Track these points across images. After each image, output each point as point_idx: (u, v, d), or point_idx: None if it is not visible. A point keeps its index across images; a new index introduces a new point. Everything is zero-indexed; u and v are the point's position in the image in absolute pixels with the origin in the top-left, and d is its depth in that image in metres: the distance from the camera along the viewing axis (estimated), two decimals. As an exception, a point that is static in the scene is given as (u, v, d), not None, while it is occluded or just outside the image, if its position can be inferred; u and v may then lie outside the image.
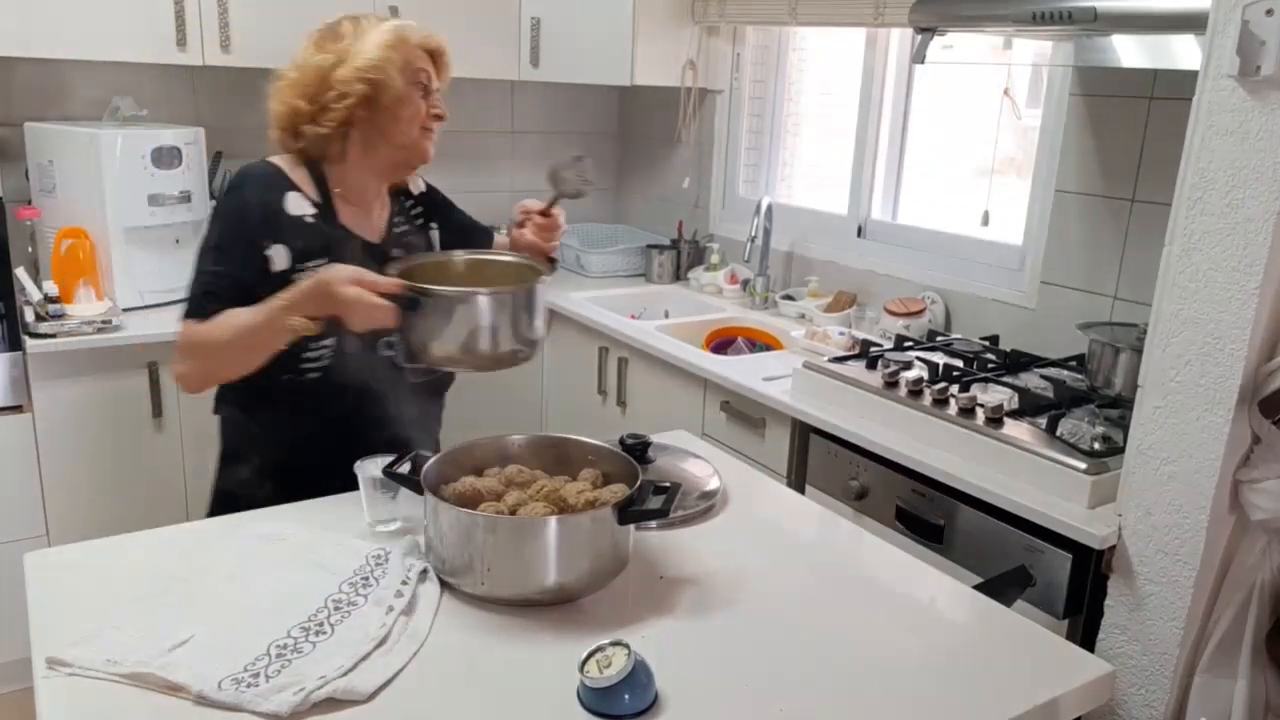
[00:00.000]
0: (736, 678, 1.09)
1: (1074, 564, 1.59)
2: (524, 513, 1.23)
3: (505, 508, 1.25)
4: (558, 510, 1.25)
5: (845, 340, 2.43)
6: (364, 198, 1.65)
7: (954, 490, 1.76)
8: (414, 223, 1.75)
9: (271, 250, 1.52)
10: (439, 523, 1.23)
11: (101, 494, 2.44)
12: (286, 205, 1.56)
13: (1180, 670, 1.52)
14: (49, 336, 2.30)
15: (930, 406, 1.87)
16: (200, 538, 1.35)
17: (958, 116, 2.64)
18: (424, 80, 1.62)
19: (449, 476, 1.31)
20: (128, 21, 2.48)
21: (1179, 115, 1.49)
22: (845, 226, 2.85)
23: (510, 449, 1.40)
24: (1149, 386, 1.51)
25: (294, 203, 1.56)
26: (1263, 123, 1.33)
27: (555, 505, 1.26)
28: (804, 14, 2.74)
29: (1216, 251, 1.40)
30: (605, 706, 1.01)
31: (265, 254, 1.51)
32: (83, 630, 1.10)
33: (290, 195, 1.57)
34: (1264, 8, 1.30)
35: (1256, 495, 1.43)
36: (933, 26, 1.98)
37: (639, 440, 1.53)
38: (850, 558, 1.43)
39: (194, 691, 1.01)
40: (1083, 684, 1.12)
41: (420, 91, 1.62)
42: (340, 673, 1.04)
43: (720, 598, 1.25)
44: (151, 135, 2.49)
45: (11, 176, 2.65)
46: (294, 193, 1.57)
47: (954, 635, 1.22)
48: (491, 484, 1.30)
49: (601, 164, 3.72)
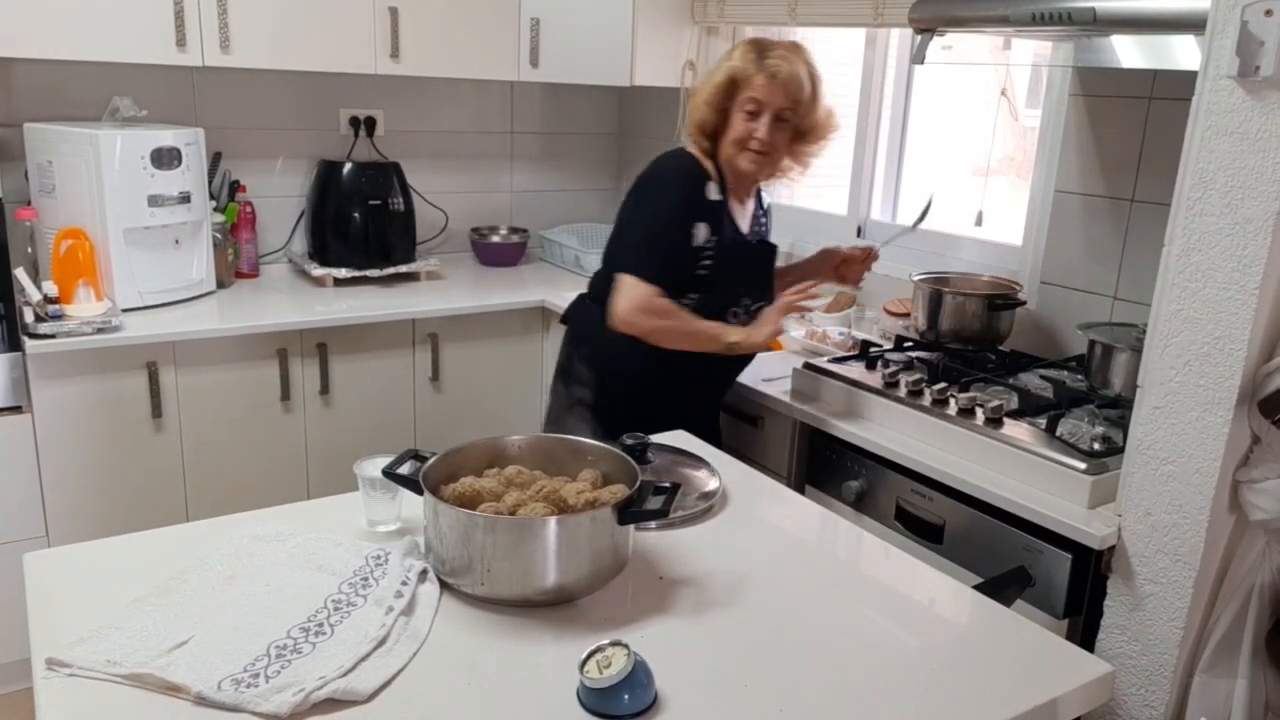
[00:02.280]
0: (736, 678, 1.09)
1: (1073, 564, 1.59)
2: (523, 513, 1.23)
3: (505, 508, 1.25)
4: (557, 511, 1.25)
5: (845, 340, 2.43)
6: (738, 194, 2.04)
7: (954, 490, 1.76)
8: (766, 229, 2.14)
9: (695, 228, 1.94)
10: (439, 523, 1.23)
11: (101, 494, 2.44)
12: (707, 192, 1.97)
13: (1180, 670, 1.52)
14: (48, 337, 2.29)
15: (930, 406, 1.87)
16: (200, 538, 1.35)
17: (957, 117, 2.64)
18: (749, 109, 1.90)
19: (449, 477, 1.31)
20: (128, 21, 2.48)
21: (1178, 115, 1.49)
22: (845, 226, 2.85)
23: (509, 449, 1.40)
24: (1148, 386, 1.52)
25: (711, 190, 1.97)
26: (1262, 123, 1.33)
27: (555, 506, 1.26)
28: (803, 14, 2.74)
29: (1216, 251, 1.40)
30: (605, 706, 1.01)
31: (691, 231, 1.94)
32: (83, 630, 1.10)
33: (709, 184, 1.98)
34: (1263, 8, 1.30)
35: (1256, 495, 1.43)
36: (932, 27, 1.98)
37: (639, 440, 1.53)
38: (850, 558, 1.43)
39: (194, 692, 1.01)
40: (1082, 684, 1.12)
41: (746, 117, 1.91)
42: (340, 673, 1.04)
43: (720, 598, 1.25)
44: (151, 136, 2.49)
45: (11, 177, 2.65)
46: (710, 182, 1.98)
47: (954, 635, 1.22)
48: (491, 484, 1.30)
49: (601, 164, 3.72)
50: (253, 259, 3.01)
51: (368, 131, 3.18)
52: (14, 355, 2.32)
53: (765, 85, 1.87)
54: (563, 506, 1.26)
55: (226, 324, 2.52)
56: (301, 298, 2.80)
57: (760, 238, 2.10)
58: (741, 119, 1.90)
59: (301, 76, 3.03)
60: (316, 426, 2.69)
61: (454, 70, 2.96)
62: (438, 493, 1.26)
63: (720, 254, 1.97)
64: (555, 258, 3.46)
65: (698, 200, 1.95)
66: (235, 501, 2.47)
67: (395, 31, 2.81)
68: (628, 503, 1.23)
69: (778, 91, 1.88)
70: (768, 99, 1.88)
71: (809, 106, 1.93)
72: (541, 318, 3.00)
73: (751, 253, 2.05)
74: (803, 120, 1.94)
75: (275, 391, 2.61)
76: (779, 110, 1.89)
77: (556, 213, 3.67)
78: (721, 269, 1.97)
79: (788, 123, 1.92)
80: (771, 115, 1.89)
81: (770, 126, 1.89)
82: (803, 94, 1.90)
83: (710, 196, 1.96)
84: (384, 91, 3.17)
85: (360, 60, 2.80)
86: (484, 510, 1.24)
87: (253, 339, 2.54)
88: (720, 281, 1.97)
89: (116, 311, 2.43)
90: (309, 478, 2.71)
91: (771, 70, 1.87)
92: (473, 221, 3.45)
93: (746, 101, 1.89)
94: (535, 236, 3.54)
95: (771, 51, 1.90)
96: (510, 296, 2.95)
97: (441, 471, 1.31)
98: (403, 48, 2.82)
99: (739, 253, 2.00)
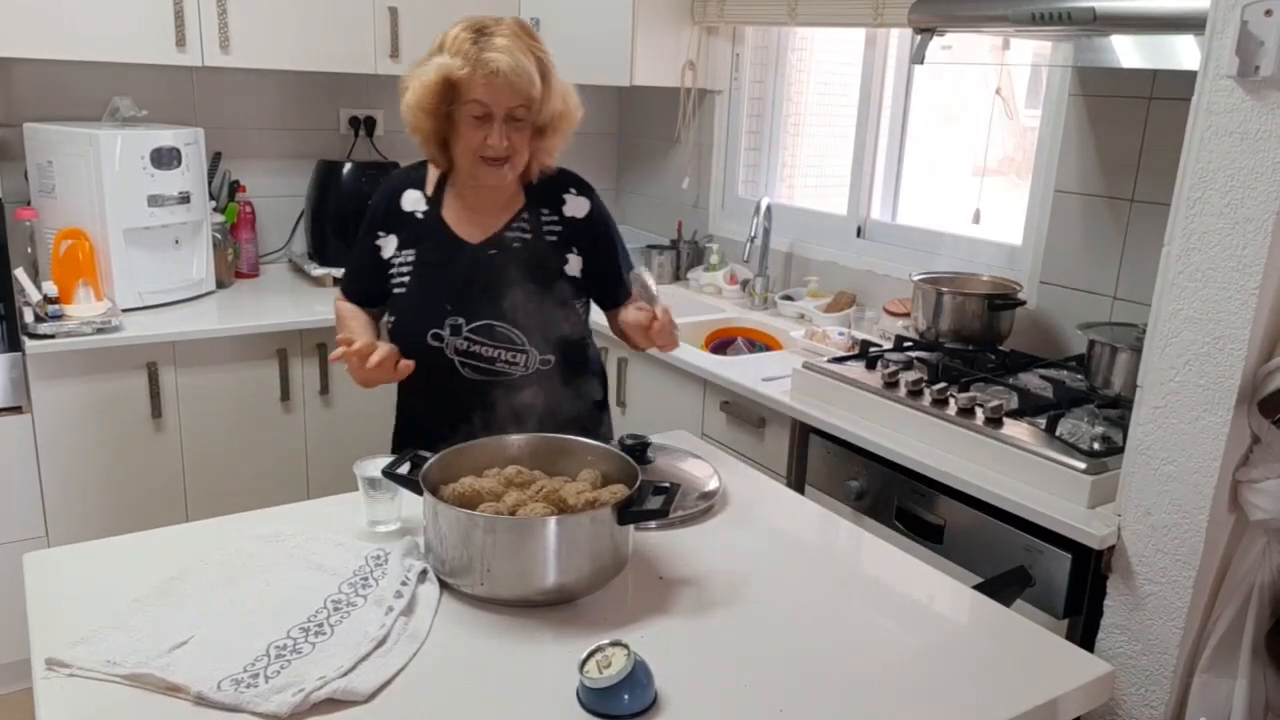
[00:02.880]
0: (736, 678, 1.09)
1: (1073, 564, 1.59)
2: (523, 513, 1.23)
3: (504, 508, 1.25)
4: (557, 511, 1.25)
5: (845, 340, 2.43)
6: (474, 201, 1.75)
7: (954, 490, 1.76)
8: (544, 238, 1.75)
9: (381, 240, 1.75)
10: (439, 524, 1.23)
11: (101, 494, 2.44)
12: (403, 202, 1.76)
13: (1180, 670, 1.52)
14: (48, 337, 2.29)
15: (930, 406, 1.87)
16: (200, 538, 1.35)
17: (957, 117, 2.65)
18: (475, 114, 1.61)
19: (448, 477, 1.31)
20: (128, 21, 2.48)
21: (1178, 115, 1.49)
22: (845, 227, 2.85)
23: (509, 449, 1.40)
24: (1148, 386, 1.52)
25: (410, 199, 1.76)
26: (1262, 123, 1.33)
27: (555, 506, 1.26)
28: (803, 14, 2.74)
29: (1216, 251, 1.40)
30: (605, 706, 1.01)
31: (376, 244, 1.75)
32: (83, 630, 1.10)
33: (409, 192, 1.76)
34: (1263, 8, 1.30)
35: (1256, 495, 1.43)
36: (932, 27, 1.98)
37: (639, 440, 1.53)
38: (850, 558, 1.43)
39: (193, 692, 1.01)
40: (1082, 684, 1.12)
41: (474, 124, 1.62)
42: (340, 673, 1.04)
43: (720, 598, 1.25)
44: (151, 135, 2.49)
45: (11, 177, 2.65)
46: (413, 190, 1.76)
47: (954, 635, 1.22)
48: (491, 484, 1.30)
49: (601, 164, 3.72)
50: (253, 259, 3.01)
51: (368, 131, 3.18)
52: (14, 355, 2.32)
53: (486, 86, 1.57)
54: (562, 507, 1.26)
55: (226, 324, 2.52)
56: (301, 298, 2.80)
57: (515, 246, 1.72)
58: (469, 127, 1.61)
59: (301, 76, 3.03)
60: (316, 426, 2.69)
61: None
62: (437, 493, 1.26)
63: (421, 269, 1.71)
64: (555, 258, 3.46)
65: (390, 210, 1.75)
66: (235, 501, 2.46)
67: (395, 31, 2.81)
68: (628, 503, 1.23)
69: (503, 91, 1.57)
70: (493, 101, 1.58)
71: (543, 99, 1.63)
72: (541, 318, 2.99)
73: (473, 266, 1.70)
74: (538, 116, 1.64)
75: (275, 391, 2.61)
76: (510, 110, 1.60)
77: (556, 213, 3.66)
78: (421, 284, 1.71)
79: (524, 121, 1.63)
80: (502, 119, 1.60)
81: (503, 131, 1.60)
82: (533, 88, 1.60)
83: (406, 207, 1.74)
84: (384, 91, 3.17)
85: (360, 60, 2.80)
86: (484, 510, 1.24)
87: (252, 339, 2.54)
88: (417, 298, 1.71)
89: (116, 311, 2.43)
90: (309, 478, 2.71)
91: (491, 67, 1.56)
92: (473, 221, 3.45)
93: (470, 105, 1.59)
94: (535, 236, 3.54)
95: (488, 40, 1.58)
96: (510, 296, 2.95)
97: (441, 471, 1.31)
98: (403, 48, 2.82)
99: (451, 266, 1.70)
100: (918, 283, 2.27)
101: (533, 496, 1.28)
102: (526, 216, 1.75)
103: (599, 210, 1.81)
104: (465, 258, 1.71)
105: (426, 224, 1.73)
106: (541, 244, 1.74)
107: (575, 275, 1.76)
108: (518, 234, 1.73)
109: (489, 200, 1.74)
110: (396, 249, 1.73)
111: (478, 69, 1.56)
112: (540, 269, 1.72)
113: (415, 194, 1.75)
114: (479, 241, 1.72)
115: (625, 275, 1.79)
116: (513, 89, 1.58)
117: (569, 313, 1.76)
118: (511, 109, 1.60)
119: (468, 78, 1.57)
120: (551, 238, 1.75)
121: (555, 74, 1.66)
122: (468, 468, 1.34)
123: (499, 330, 1.69)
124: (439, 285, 1.71)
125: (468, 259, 1.71)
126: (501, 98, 1.58)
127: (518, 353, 1.71)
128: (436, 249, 1.72)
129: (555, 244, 1.75)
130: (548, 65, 1.65)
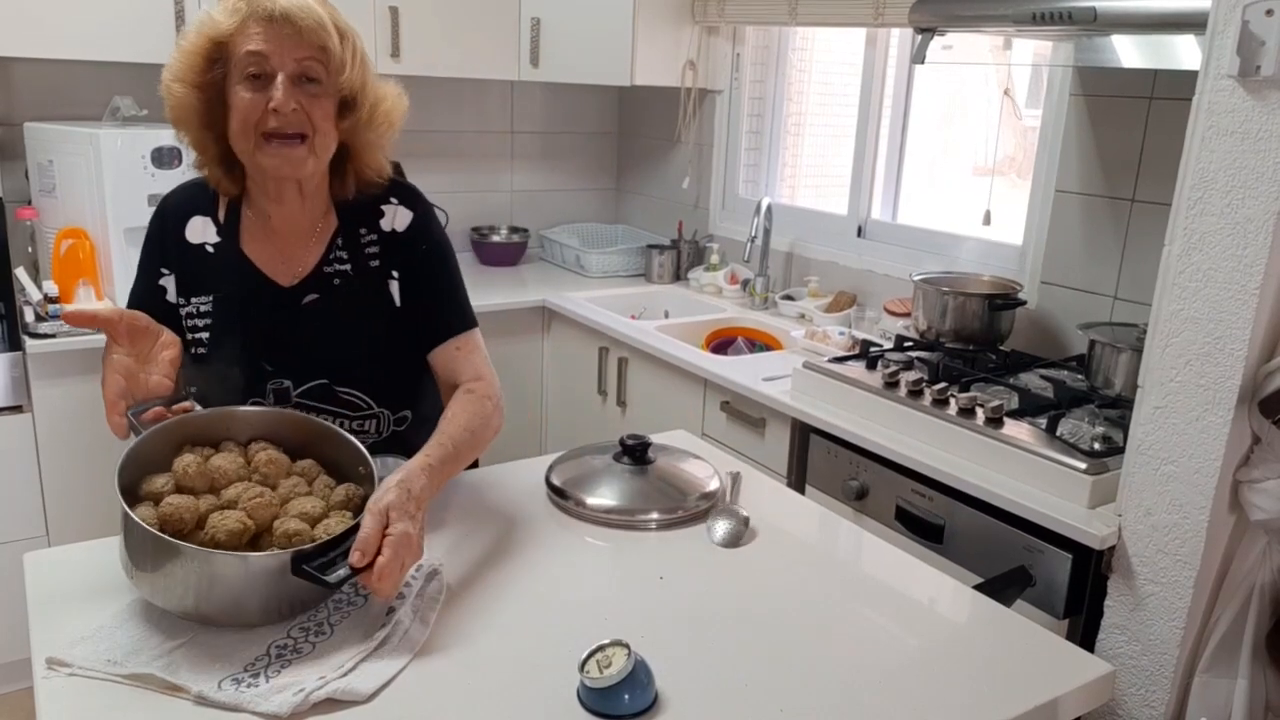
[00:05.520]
0: (736, 678, 1.09)
1: (1074, 564, 1.59)
2: (214, 519, 1.11)
3: (208, 506, 1.13)
4: (252, 528, 1.12)
5: (845, 340, 2.43)
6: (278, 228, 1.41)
7: (954, 490, 1.76)
8: (366, 264, 1.42)
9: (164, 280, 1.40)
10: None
11: (101, 494, 2.44)
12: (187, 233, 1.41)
13: (1180, 670, 1.52)
14: (49, 337, 2.29)
15: (930, 406, 1.87)
16: (200, 538, 1.35)
17: (958, 116, 2.65)
18: (250, 71, 1.27)
19: (201, 441, 1.20)
20: (128, 21, 2.48)
21: (1179, 115, 1.49)
22: (845, 226, 2.85)
23: (269, 422, 1.22)
24: (1149, 386, 1.52)
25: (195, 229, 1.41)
26: (1263, 123, 1.33)
27: (257, 522, 1.12)
28: (804, 14, 2.74)
29: (1216, 251, 1.40)
30: (605, 706, 1.01)
31: (158, 285, 1.40)
32: (83, 630, 1.10)
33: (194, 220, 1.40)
34: (1264, 8, 1.30)
35: (1256, 495, 1.43)
36: (933, 27, 1.98)
37: (639, 441, 1.53)
38: (850, 558, 1.43)
39: (194, 691, 1.01)
40: (1083, 684, 1.12)
41: (249, 85, 1.27)
42: (340, 673, 1.04)
43: (720, 597, 1.25)
44: (151, 135, 2.49)
45: (11, 176, 2.65)
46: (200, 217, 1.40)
47: (954, 635, 1.22)
48: (231, 465, 1.17)
49: (601, 164, 3.72)
50: (253, 259, 3.01)
51: (368, 131, 3.17)
52: (14, 355, 2.32)
53: (263, 30, 1.24)
54: (263, 527, 1.12)
55: (227, 324, 2.52)
56: (302, 297, 2.80)
57: (336, 284, 1.40)
58: (244, 92, 1.25)
59: (302, 76, 3.03)
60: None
61: (454, 70, 2.96)
62: (144, 488, 1.17)
63: (223, 322, 1.39)
64: (555, 257, 3.46)
65: (167, 244, 1.39)
66: (235, 501, 2.47)
67: (395, 31, 2.81)
68: (306, 558, 1.07)
69: (286, 39, 1.24)
70: (273, 49, 1.24)
71: (345, 61, 1.30)
72: (542, 318, 3.00)
73: (292, 317, 1.39)
74: (343, 81, 1.30)
75: (275, 391, 2.60)
76: (300, 63, 1.26)
77: (556, 212, 3.67)
78: (228, 340, 1.39)
79: (321, 84, 1.28)
80: (289, 74, 1.25)
81: (290, 90, 1.25)
82: (327, 36, 1.27)
83: (193, 238, 1.39)
84: (384, 91, 3.17)
85: (360, 60, 2.80)
86: (231, 491, 1.14)
87: (253, 339, 2.54)
88: (227, 360, 1.38)
89: (117, 311, 2.43)
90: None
91: (267, 7, 1.24)
92: (473, 221, 3.45)
93: (243, 62, 1.25)
94: (535, 236, 3.54)
95: None
96: (510, 296, 2.95)
97: (157, 450, 1.20)
98: (403, 48, 2.82)
99: (263, 317, 1.38)
100: (918, 283, 2.27)
101: (267, 500, 1.14)
102: (342, 243, 1.41)
103: (424, 224, 1.45)
104: (280, 306, 1.38)
105: (222, 260, 1.38)
106: (365, 274, 1.41)
107: (398, 305, 1.43)
108: (335, 267, 1.40)
109: (294, 224, 1.38)
110: (185, 294, 1.38)
111: (252, 11, 1.24)
112: (371, 308, 1.41)
113: (202, 220, 1.39)
114: (293, 284, 1.39)
115: (448, 315, 1.45)
116: (299, 34, 1.25)
117: (418, 355, 1.43)
118: (301, 62, 1.26)
119: (239, 26, 1.24)
120: (374, 262, 1.41)
121: (362, 48, 1.34)
122: (223, 434, 1.22)
123: (340, 395, 1.40)
124: (252, 341, 1.38)
125: (283, 307, 1.38)
126: (284, 46, 1.25)
127: (366, 418, 1.42)
128: (241, 295, 1.38)
129: (378, 269, 1.42)
130: (348, 30, 1.32)
